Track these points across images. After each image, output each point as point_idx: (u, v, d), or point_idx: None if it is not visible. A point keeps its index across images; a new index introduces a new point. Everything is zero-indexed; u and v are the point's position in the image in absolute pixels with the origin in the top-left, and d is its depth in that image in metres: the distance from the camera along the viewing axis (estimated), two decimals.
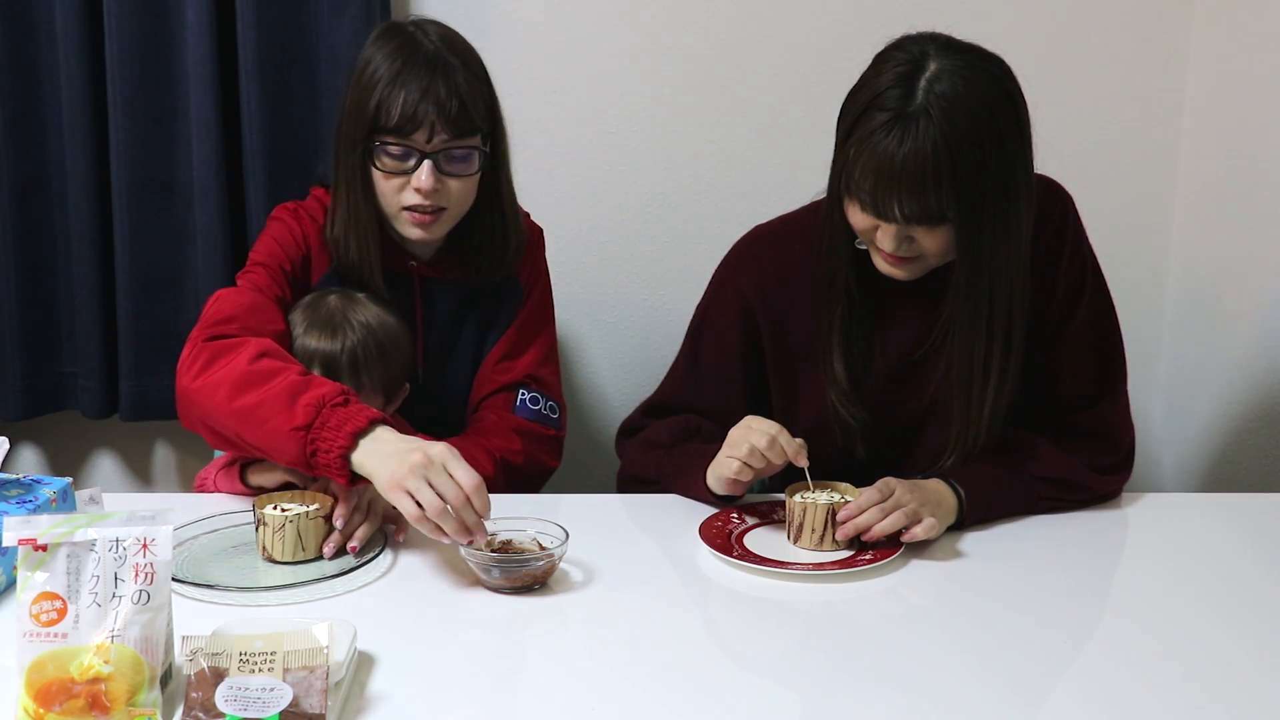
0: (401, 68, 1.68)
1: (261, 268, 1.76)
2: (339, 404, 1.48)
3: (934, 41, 1.55)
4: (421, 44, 1.70)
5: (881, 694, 1.22)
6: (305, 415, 1.47)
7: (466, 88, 1.70)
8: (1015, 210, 1.56)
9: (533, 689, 1.24)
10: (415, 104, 1.67)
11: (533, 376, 1.86)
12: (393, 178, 1.72)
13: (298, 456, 1.48)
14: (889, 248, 1.57)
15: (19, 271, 2.31)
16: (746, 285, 1.77)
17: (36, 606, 1.13)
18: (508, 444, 1.78)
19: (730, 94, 2.38)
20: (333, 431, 1.45)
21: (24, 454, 2.51)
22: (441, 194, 1.72)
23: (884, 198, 1.52)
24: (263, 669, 1.11)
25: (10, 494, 1.44)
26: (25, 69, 2.26)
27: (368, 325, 1.70)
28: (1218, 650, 1.32)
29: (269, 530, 1.48)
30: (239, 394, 1.52)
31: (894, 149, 1.49)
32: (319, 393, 1.49)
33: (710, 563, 1.52)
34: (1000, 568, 1.53)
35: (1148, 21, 2.34)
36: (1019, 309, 1.61)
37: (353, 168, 1.73)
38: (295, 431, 1.47)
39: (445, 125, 1.68)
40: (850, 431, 1.71)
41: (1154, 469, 2.47)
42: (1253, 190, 2.17)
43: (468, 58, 1.74)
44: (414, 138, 1.69)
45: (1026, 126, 1.57)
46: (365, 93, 1.69)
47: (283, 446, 1.48)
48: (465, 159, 1.73)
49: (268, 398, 1.50)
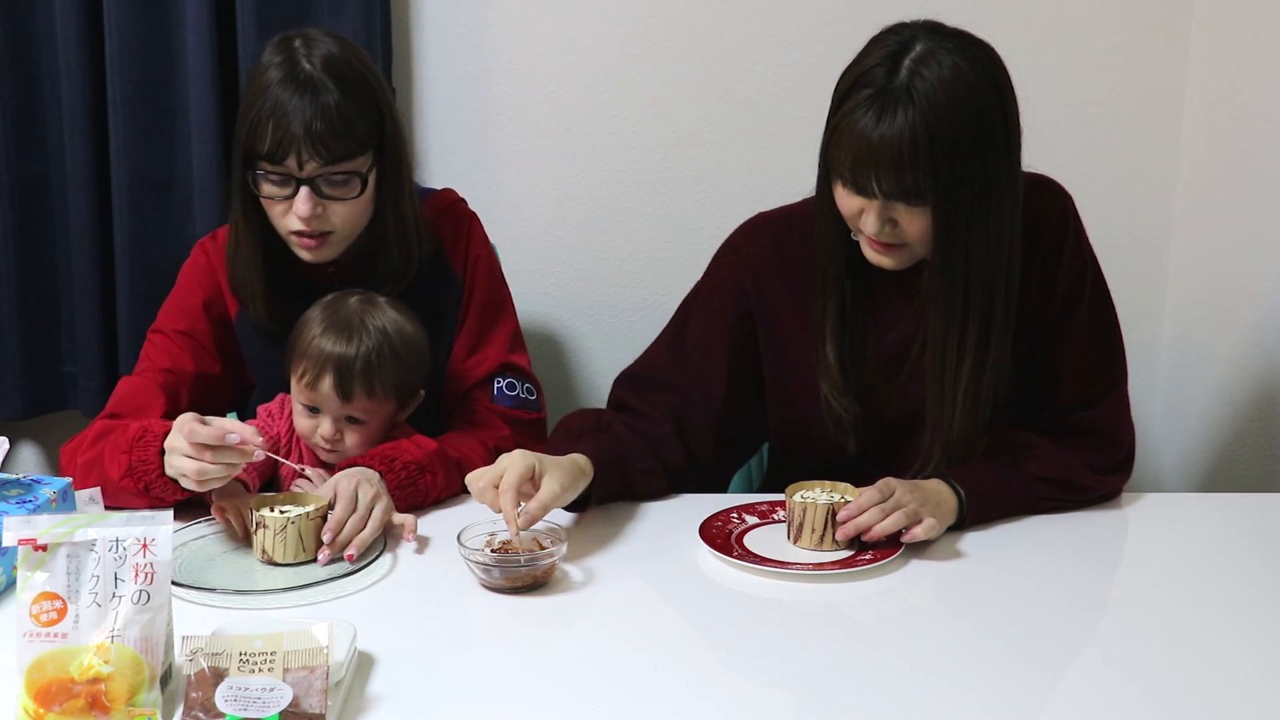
0: (277, 91, 1.64)
1: (159, 335, 1.82)
2: (139, 439, 1.57)
3: (924, 27, 1.57)
4: (299, 64, 1.65)
5: (881, 694, 1.22)
6: (122, 463, 1.57)
7: (339, 111, 1.65)
8: (996, 196, 1.55)
9: (533, 689, 1.24)
10: (284, 129, 1.63)
11: (505, 364, 1.85)
12: (275, 204, 1.70)
13: (144, 499, 1.56)
14: (872, 230, 1.57)
15: (19, 271, 2.31)
16: (743, 270, 1.77)
17: (36, 606, 1.13)
18: (497, 433, 1.79)
19: (730, 94, 2.38)
20: (144, 464, 1.55)
21: (24, 454, 2.51)
22: (324, 218, 1.69)
23: (863, 173, 1.52)
24: (263, 669, 1.11)
25: (10, 494, 1.44)
26: (25, 69, 2.27)
27: (384, 330, 1.70)
28: (1218, 650, 1.32)
29: (269, 533, 1.48)
30: (88, 477, 1.62)
31: (873, 125, 1.50)
32: (125, 440, 1.58)
33: (710, 563, 1.52)
34: (1000, 568, 1.53)
35: (1148, 20, 2.34)
36: (1001, 300, 1.61)
37: (238, 192, 1.73)
38: (124, 480, 1.57)
39: (314, 151, 1.64)
40: (842, 424, 1.71)
41: (1154, 469, 2.47)
42: (1253, 190, 2.17)
43: (348, 77, 1.68)
44: (287, 164, 1.66)
45: (1013, 113, 1.57)
46: (245, 115, 1.67)
47: (132, 496, 1.57)
48: (345, 183, 1.69)
49: (103, 469, 1.60)
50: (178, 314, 1.82)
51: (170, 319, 1.82)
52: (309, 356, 1.67)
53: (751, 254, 1.78)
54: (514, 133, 2.41)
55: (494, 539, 1.48)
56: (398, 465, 1.62)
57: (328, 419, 1.69)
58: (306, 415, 1.70)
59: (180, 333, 1.80)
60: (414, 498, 1.63)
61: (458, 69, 2.37)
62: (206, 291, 1.82)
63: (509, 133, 2.40)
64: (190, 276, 1.84)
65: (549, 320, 2.48)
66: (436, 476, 1.66)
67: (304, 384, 1.68)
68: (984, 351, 1.62)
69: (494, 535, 1.48)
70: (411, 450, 1.65)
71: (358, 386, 1.66)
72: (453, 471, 1.68)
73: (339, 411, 1.68)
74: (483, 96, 2.38)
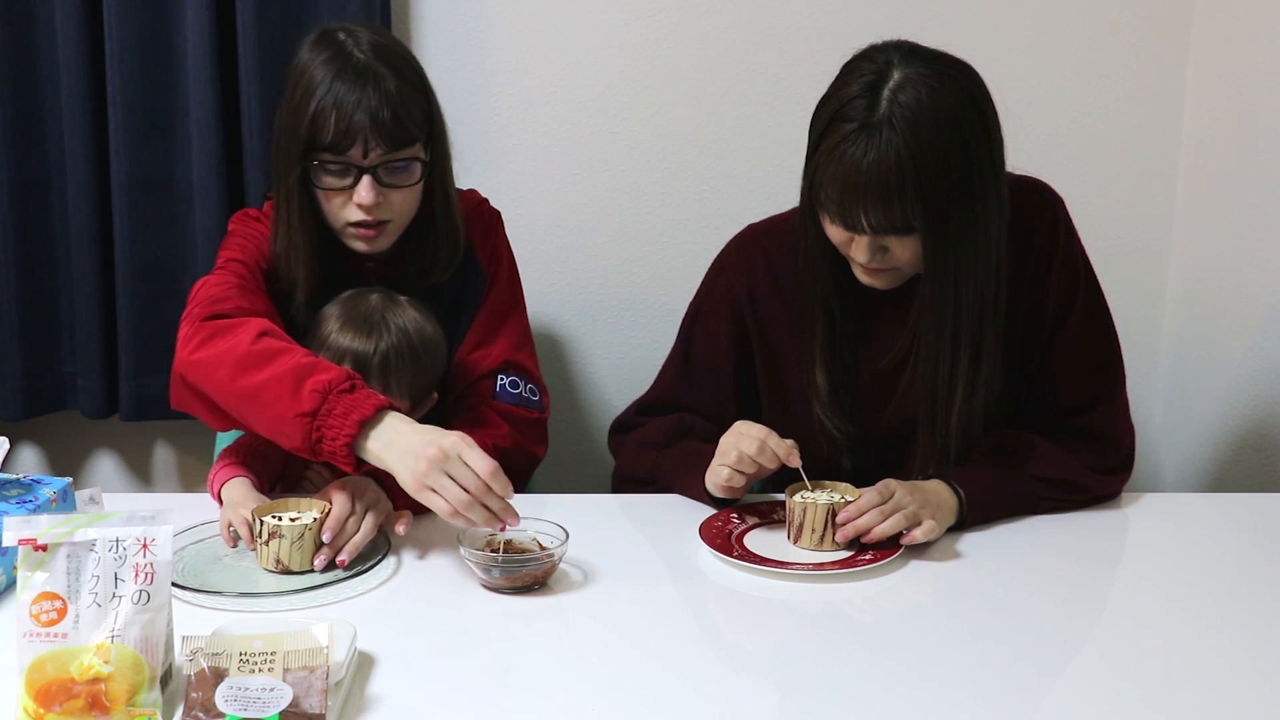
0: (333, 82, 1.64)
1: (238, 263, 1.74)
2: (345, 390, 1.47)
3: (899, 50, 1.55)
4: (352, 55, 1.66)
5: (882, 694, 1.22)
6: (312, 401, 1.46)
7: (399, 97, 1.66)
8: (983, 218, 1.55)
9: (533, 689, 1.24)
10: (349, 119, 1.63)
11: (509, 361, 1.83)
12: (334, 195, 1.70)
13: (303, 443, 1.47)
14: (863, 259, 1.57)
15: (19, 271, 2.31)
16: (737, 285, 1.77)
17: (36, 606, 1.13)
18: (495, 430, 1.78)
19: (731, 94, 2.38)
20: (339, 419, 1.45)
21: (24, 454, 2.51)
22: (384, 207, 1.70)
23: (851, 209, 1.52)
24: (263, 669, 1.11)
25: (10, 494, 1.44)
26: (25, 69, 2.26)
27: (404, 329, 1.68)
28: (1218, 650, 1.32)
29: (285, 541, 1.45)
30: (242, 373, 1.51)
31: (858, 160, 1.49)
32: (325, 378, 1.47)
33: (710, 563, 1.52)
34: (1000, 568, 1.53)
35: (1148, 21, 2.34)
36: (991, 320, 1.61)
37: (290, 187, 1.70)
38: (301, 418, 1.45)
39: (380, 139, 1.65)
40: (835, 443, 1.71)
41: (1154, 469, 2.47)
42: (1253, 190, 2.17)
43: (400, 65, 1.70)
44: (350, 154, 1.66)
45: (995, 131, 1.56)
46: (298, 109, 1.66)
47: (288, 431, 1.47)
48: (405, 170, 1.70)
49: (272, 380, 1.48)
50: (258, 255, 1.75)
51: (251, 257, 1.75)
52: (327, 350, 1.65)
53: (743, 269, 1.78)
54: (514, 133, 2.40)
55: (494, 539, 1.47)
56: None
57: None
58: None
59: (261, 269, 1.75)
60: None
61: (458, 69, 2.37)
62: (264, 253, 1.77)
63: (509, 133, 2.40)
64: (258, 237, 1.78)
65: (548, 320, 2.48)
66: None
67: None
68: (975, 372, 1.62)
69: (494, 535, 1.48)
70: None
71: (374, 384, 1.63)
72: None
73: None
74: (483, 96, 2.38)
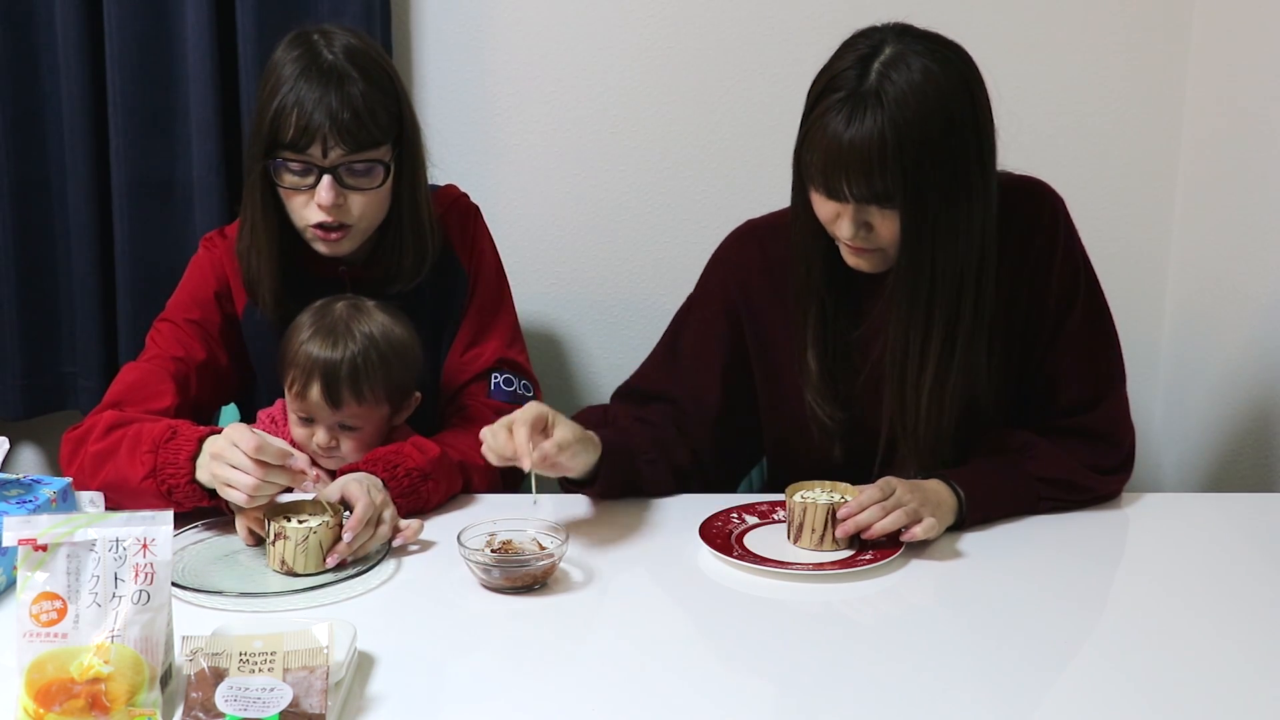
0: (297, 80, 1.65)
1: (167, 324, 1.81)
2: (168, 440, 1.55)
3: (895, 29, 1.57)
4: (321, 55, 1.67)
5: (881, 694, 1.22)
6: (146, 463, 1.55)
7: (364, 99, 1.66)
8: (966, 199, 1.55)
9: (532, 689, 1.24)
10: (308, 117, 1.64)
11: (503, 360, 1.84)
12: (296, 195, 1.70)
13: (163, 502, 1.54)
14: (847, 234, 1.57)
15: (19, 271, 2.31)
16: (733, 280, 1.78)
17: (36, 606, 1.13)
18: None
19: (730, 94, 2.38)
20: (172, 467, 1.53)
21: (24, 454, 2.51)
22: (344, 209, 1.70)
23: (834, 176, 1.53)
24: (263, 669, 1.11)
25: (10, 494, 1.44)
26: (25, 69, 2.27)
27: (370, 335, 1.69)
28: (1218, 650, 1.32)
29: (290, 544, 1.45)
30: (98, 470, 1.60)
31: (842, 128, 1.50)
32: (149, 438, 1.56)
33: (710, 563, 1.52)
34: (1000, 568, 1.53)
35: (1148, 22, 2.34)
36: (970, 304, 1.60)
37: (254, 185, 1.72)
38: (146, 481, 1.55)
39: (340, 139, 1.65)
40: (827, 431, 1.71)
41: (1154, 469, 2.47)
42: (1252, 191, 2.17)
43: (370, 68, 1.69)
44: (310, 152, 1.66)
45: (985, 116, 1.56)
46: (264, 107, 1.67)
47: (151, 498, 1.55)
48: (367, 172, 1.70)
49: (118, 464, 1.58)
50: (190, 303, 1.81)
51: (181, 308, 1.81)
52: (297, 365, 1.67)
53: (739, 263, 1.78)
54: (514, 133, 2.41)
55: (494, 539, 1.48)
56: (400, 472, 1.60)
57: (322, 428, 1.69)
58: (301, 425, 1.70)
59: (191, 321, 1.80)
60: (416, 504, 1.62)
61: (458, 69, 2.37)
62: (218, 283, 1.82)
63: (509, 133, 2.40)
64: (201, 267, 1.84)
65: (548, 320, 2.48)
66: (439, 483, 1.64)
67: (294, 393, 1.68)
68: (949, 356, 1.61)
69: (494, 535, 1.48)
70: (415, 456, 1.63)
71: (346, 392, 1.66)
72: (455, 476, 1.67)
73: (331, 419, 1.68)
74: (483, 96, 2.38)
